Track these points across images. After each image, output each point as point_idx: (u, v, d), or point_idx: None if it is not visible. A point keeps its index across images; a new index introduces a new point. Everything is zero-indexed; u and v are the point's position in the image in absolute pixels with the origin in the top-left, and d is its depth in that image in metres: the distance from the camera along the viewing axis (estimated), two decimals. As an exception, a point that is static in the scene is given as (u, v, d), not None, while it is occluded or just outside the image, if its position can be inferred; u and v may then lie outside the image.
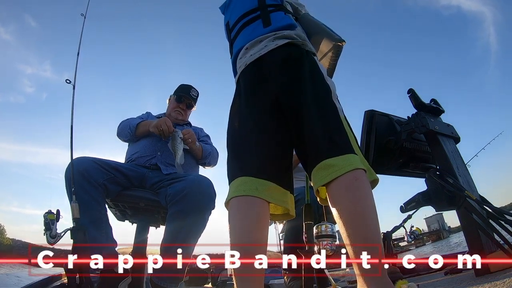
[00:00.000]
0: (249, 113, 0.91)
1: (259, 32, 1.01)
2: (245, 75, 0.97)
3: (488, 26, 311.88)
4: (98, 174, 1.26)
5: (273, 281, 2.14)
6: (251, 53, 0.97)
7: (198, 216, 1.27)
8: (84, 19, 1.41)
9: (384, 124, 1.43)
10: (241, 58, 1.01)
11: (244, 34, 1.06)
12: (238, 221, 0.78)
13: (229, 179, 0.86)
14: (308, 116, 0.82)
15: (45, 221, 1.08)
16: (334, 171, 0.71)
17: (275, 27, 1.01)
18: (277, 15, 1.06)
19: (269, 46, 0.95)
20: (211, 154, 1.68)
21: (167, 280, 1.23)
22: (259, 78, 0.93)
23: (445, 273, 1.47)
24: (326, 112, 0.83)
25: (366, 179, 0.73)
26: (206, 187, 1.33)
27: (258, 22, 1.04)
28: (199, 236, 1.29)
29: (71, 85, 1.27)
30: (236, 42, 1.07)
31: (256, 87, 0.93)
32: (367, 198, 0.70)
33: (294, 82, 0.89)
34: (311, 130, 0.80)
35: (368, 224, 0.68)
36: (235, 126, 0.93)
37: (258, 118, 0.89)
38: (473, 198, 1.11)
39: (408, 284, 0.77)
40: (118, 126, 1.64)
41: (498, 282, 0.81)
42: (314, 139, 0.79)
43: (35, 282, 1.40)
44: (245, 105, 0.93)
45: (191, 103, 1.80)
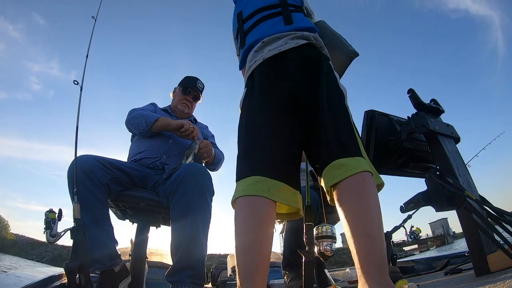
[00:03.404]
0: (264, 110, 0.90)
1: (280, 29, 1.01)
2: (262, 70, 0.96)
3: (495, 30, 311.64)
4: (101, 173, 1.25)
5: (273, 281, 2.13)
6: (270, 48, 0.96)
7: (202, 199, 1.23)
8: (95, 21, 1.40)
9: (384, 124, 1.43)
10: (257, 52, 1.00)
11: (262, 27, 1.05)
12: (245, 222, 0.77)
13: (239, 176, 0.84)
14: (322, 118, 0.83)
15: (46, 220, 1.08)
16: (347, 170, 0.73)
17: (296, 26, 1.01)
18: (298, 15, 1.06)
19: (290, 44, 0.94)
20: (221, 162, 1.66)
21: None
22: (277, 75, 0.93)
23: (445, 273, 1.47)
24: (340, 116, 0.84)
25: (373, 181, 0.75)
26: (202, 168, 1.33)
27: (279, 18, 1.04)
28: (208, 227, 1.25)
29: (79, 86, 1.27)
30: (251, 33, 1.06)
31: (274, 84, 0.92)
32: (373, 199, 0.72)
33: (312, 82, 0.89)
34: (325, 131, 0.81)
35: (373, 223, 0.68)
36: (248, 121, 0.92)
37: (273, 116, 0.88)
38: (473, 198, 1.11)
39: (408, 284, 0.77)
40: (129, 114, 1.57)
41: (498, 282, 0.81)
42: (327, 140, 0.80)
43: (35, 282, 1.40)
44: (260, 101, 0.92)
45: (198, 95, 1.77)
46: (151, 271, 2.08)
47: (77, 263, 0.99)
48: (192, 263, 1.16)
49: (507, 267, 1.00)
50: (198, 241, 1.19)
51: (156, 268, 2.48)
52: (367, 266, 0.65)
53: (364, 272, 0.65)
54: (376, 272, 0.64)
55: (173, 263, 1.18)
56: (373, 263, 0.65)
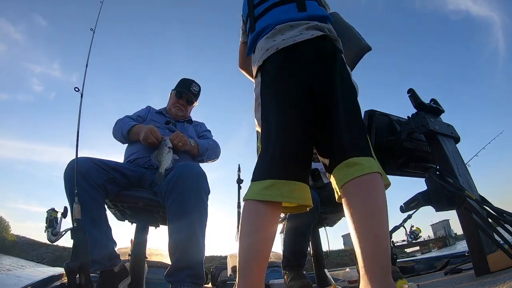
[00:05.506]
0: (277, 106, 0.89)
1: (292, 15, 0.98)
2: (275, 61, 0.93)
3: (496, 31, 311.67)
4: (97, 174, 1.26)
5: (273, 281, 2.13)
6: (284, 37, 0.93)
7: (197, 198, 1.23)
8: (93, 33, 1.41)
9: (384, 124, 1.43)
10: (269, 39, 0.96)
11: (274, 13, 1.02)
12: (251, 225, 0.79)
13: (255, 177, 0.84)
14: (336, 115, 0.82)
15: (48, 218, 1.08)
16: (360, 169, 0.73)
17: (310, 14, 0.98)
18: (312, 3, 1.03)
19: (304, 35, 0.91)
20: (208, 149, 1.64)
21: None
22: (290, 70, 0.90)
23: (445, 273, 1.47)
24: (353, 113, 0.84)
25: (382, 182, 0.75)
26: (196, 167, 1.33)
27: (292, 5, 1.01)
28: (205, 226, 1.25)
29: (79, 93, 1.27)
30: (262, 19, 1.03)
31: (286, 79, 0.90)
32: (383, 200, 0.72)
33: (326, 77, 0.87)
34: (339, 128, 0.81)
35: (381, 224, 0.68)
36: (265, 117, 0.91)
37: (285, 113, 0.87)
38: (473, 198, 1.11)
39: (408, 284, 0.77)
40: (114, 126, 1.61)
41: (498, 282, 0.81)
42: (341, 138, 0.79)
43: (35, 282, 1.40)
44: (274, 98, 0.91)
45: (191, 99, 1.76)
46: (150, 271, 2.08)
47: (77, 263, 0.99)
48: (190, 263, 1.17)
49: (507, 267, 1.00)
50: (196, 240, 1.19)
51: (156, 268, 2.48)
52: (372, 266, 0.65)
53: (368, 272, 0.65)
54: (381, 272, 0.64)
55: (172, 263, 1.18)
56: (378, 263, 0.65)
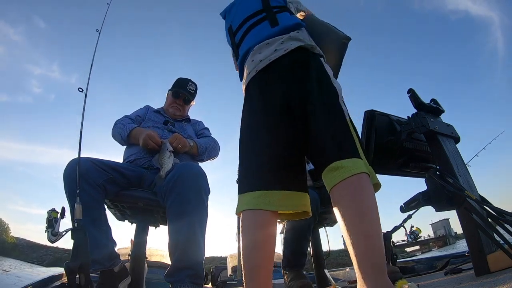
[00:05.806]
0: (261, 120, 0.92)
1: (267, 33, 1.01)
2: (255, 83, 0.97)
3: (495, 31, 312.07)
4: (97, 175, 1.26)
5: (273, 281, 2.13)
6: (261, 58, 0.96)
7: (197, 198, 1.23)
8: (99, 34, 1.41)
9: (384, 124, 1.43)
10: (250, 62, 0.99)
11: (251, 35, 1.05)
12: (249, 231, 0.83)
13: (242, 190, 0.87)
14: (316, 121, 0.83)
15: (48, 218, 1.09)
16: (343, 172, 0.73)
17: (282, 27, 1.01)
18: (283, 15, 1.06)
19: (279, 51, 0.94)
20: (208, 148, 1.64)
21: None
22: (269, 86, 0.93)
23: (445, 273, 1.47)
24: (333, 117, 0.84)
25: (369, 182, 0.75)
26: (196, 167, 1.33)
27: (265, 23, 1.04)
28: (205, 226, 1.25)
29: (83, 94, 1.27)
30: (243, 44, 1.07)
31: (266, 95, 0.93)
32: (370, 199, 0.72)
33: (301, 85, 0.89)
34: (319, 135, 0.81)
35: (370, 223, 0.68)
36: (246, 135, 0.94)
37: (270, 126, 0.89)
38: (473, 198, 1.11)
39: (408, 284, 0.77)
40: (113, 128, 1.61)
41: (498, 282, 0.81)
42: (322, 144, 0.80)
43: (35, 282, 1.39)
44: (256, 114, 0.94)
45: (188, 98, 1.76)
46: (150, 271, 2.09)
47: (77, 263, 0.99)
48: (190, 263, 1.16)
49: (507, 267, 1.00)
50: (196, 241, 1.19)
51: (156, 268, 2.48)
52: (365, 266, 0.65)
53: (362, 272, 0.65)
54: (371, 272, 0.64)
55: (171, 263, 1.18)
56: (370, 262, 0.65)
